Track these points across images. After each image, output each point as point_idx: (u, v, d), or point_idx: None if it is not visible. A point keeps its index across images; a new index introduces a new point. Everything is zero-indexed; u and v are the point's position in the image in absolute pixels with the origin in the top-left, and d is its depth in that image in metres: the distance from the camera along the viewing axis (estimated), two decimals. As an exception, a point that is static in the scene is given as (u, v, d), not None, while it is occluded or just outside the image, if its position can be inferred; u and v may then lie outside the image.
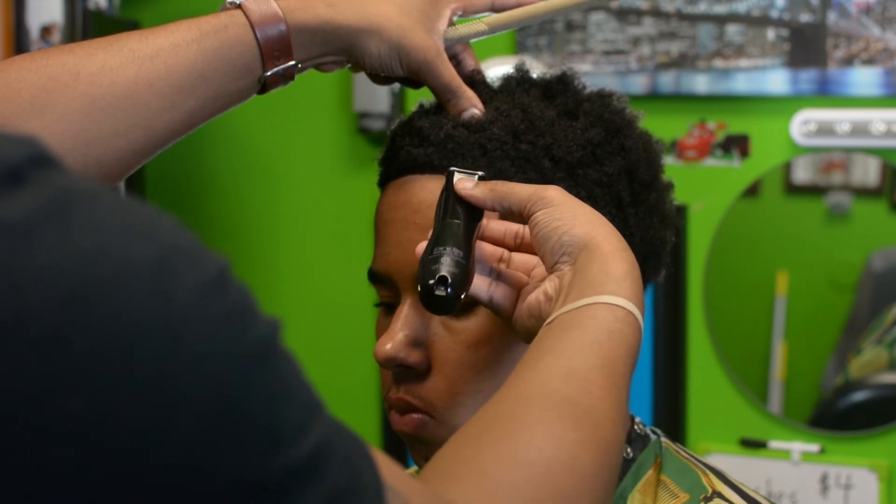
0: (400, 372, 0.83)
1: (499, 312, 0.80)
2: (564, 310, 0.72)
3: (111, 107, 0.77)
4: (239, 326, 0.46)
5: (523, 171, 0.83)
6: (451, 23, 0.90)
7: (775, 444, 1.95)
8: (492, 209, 0.80)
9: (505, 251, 0.82)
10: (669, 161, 1.96)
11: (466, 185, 0.80)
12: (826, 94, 1.90)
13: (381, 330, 0.86)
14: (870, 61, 1.87)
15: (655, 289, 1.94)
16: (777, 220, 1.98)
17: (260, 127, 2.24)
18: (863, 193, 1.94)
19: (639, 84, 1.98)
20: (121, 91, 0.77)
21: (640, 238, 0.86)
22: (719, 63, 1.95)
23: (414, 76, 0.88)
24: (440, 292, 0.74)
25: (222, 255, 0.48)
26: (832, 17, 1.88)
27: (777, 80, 1.92)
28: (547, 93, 0.89)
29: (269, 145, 2.26)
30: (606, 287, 0.72)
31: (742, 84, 1.94)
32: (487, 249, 0.81)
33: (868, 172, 1.94)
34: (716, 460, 1.62)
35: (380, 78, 0.91)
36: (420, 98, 0.94)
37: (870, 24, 1.87)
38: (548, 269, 0.76)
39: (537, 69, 0.93)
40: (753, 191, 1.96)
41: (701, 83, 1.96)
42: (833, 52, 1.89)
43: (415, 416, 0.83)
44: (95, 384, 0.42)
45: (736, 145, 1.96)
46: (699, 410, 2.00)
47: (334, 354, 2.20)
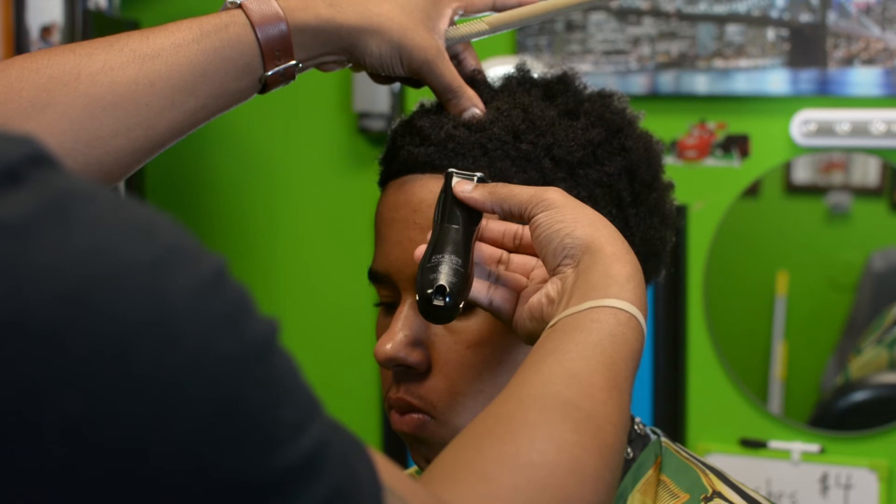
0: (400, 372, 0.83)
1: (499, 316, 0.80)
2: (567, 313, 0.72)
3: (112, 106, 0.77)
4: (236, 326, 0.46)
5: (524, 171, 0.83)
6: (452, 22, 0.90)
7: (775, 444, 1.95)
8: (491, 212, 0.79)
9: (504, 252, 0.81)
10: (669, 161, 1.96)
11: (465, 188, 0.79)
12: (826, 94, 1.90)
13: (382, 330, 0.86)
14: (870, 61, 1.87)
15: (655, 289, 1.94)
16: (777, 220, 1.98)
17: (260, 127, 2.24)
18: (863, 193, 1.94)
19: (639, 84, 1.98)
20: (122, 91, 0.77)
21: (641, 238, 0.86)
22: (719, 63, 1.95)
23: (415, 76, 0.87)
24: (438, 302, 0.74)
25: (220, 255, 0.48)
26: (832, 17, 1.88)
27: (777, 80, 1.92)
28: (548, 93, 0.89)
29: (269, 145, 2.26)
30: (609, 290, 0.72)
31: (742, 84, 1.94)
32: (486, 251, 0.81)
33: (868, 172, 1.94)
34: (716, 460, 1.62)
35: (381, 77, 0.91)
36: (421, 98, 0.94)
37: (870, 24, 1.87)
38: (549, 272, 0.76)
39: (538, 69, 0.93)
40: (753, 191, 1.96)
41: (701, 83, 1.96)
42: (833, 52, 1.89)
43: (415, 416, 0.83)
44: (92, 383, 0.42)
45: (736, 145, 1.96)
46: (699, 410, 2.00)
47: (334, 354, 2.20)
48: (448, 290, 0.74)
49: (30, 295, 0.42)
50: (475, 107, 0.87)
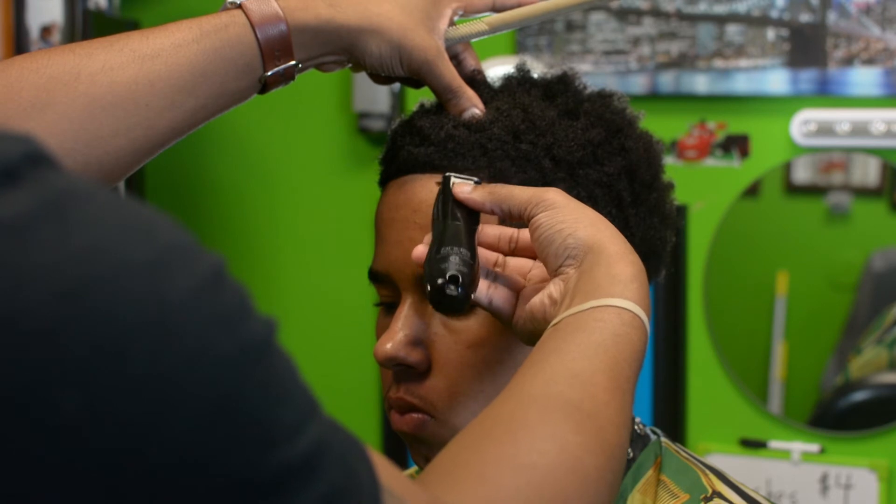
0: (400, 371, 0.83)
1: (499, 316, 0.80)
2: (570, 312, 0.72)
3: (112, 106, 0.77)
4: (234, 325, 0.46)
5: (524, 171, 0.83)
6: (452, 22, 0.90)
7: (775, 444, 1.95)
8: (491, 212, 0.79)
9: (500, 256, 0.81)
10: (669, 161, 1.96)
11: (465, 189, 0.80)
12: (826, 94, 1.90)
13: (382, 329, 0.86)
14: (870, 61, 1.87)
15: (655, 289, 1.94)
16: (777, 220, 1.98)
17: (260, 127, 2.24)
18: (863, 193, 1.94)
19: (639, 84, 1.98)
20: (121, 91, 0.77)
21: (641, 238, 0.86)
22: (719, 63, 1.95)
23: (415, 76, 0.87)
24: (451, 291, 0.74)
25: (219, 254, 0.48)
26: (832, 17, 1.88)
27: (777, 80, 1.92)
28: (548, 93, 0.89)
29: (269, 145, 2.26)
30: (613, 290, 0.71)
31: (742, 84, 1.94)
32: (482, 254, 0.81)
33: (868, 172, 1.94)
34: (716, 460, 1.62)
35: (380, 78, 0.91)
36: (421, 98, 0.94)
37: (870, 24, 1.87)
38: (551, 273, 0.76)
39: (538, 69, 0.93)
40: (753, 191, 1.96)
41: (701, 83, 1.96)
42: (833, 52, 1.89)
43: (415, 416, 0.83)
44: (89, 381, 0.42)
45: (736, 145, 1.96)
46: (699, 410, 2.00)
47: (334, 354, 2.20)
48: (461, 280, 0.74)
49: (28, 294, 0.42)
50: (475, 107, 0.87)
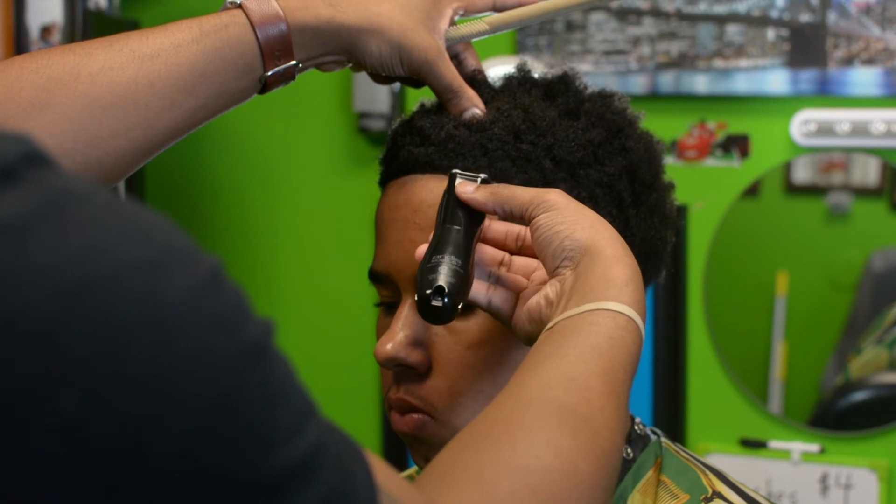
0: (400, 372, 0.83)
1: (498, 316, 0.80)
2: (565, 315, 0.72)
3: (112, 106, 0.77)
4: (231, 327, 0.46)
5: (524, 172, 0.83)
6: (453, 22, 0.90)
7: (775, 444, 1.95)
8: (493, 213, 0.79)
9: (506, 254, 0.81)
10: (669, 161, 1.96)
11: (467, 189, 0.79)
12: (826, 94, 1.90)
13: (382, 330, 0.86)
14: (870, 61, 1.87)
15: (655, 289, 1.94)
16: (777, 220, 1.98)
17: (260, 127, 2.24)
18: (863, 193, 1.94)
19: (639, 84, 1.98)
20: (121, 91, 0.77)
21: (641, 238, 0.86)
22: (719, 63, 1.95)
23: (415, 76, 0.87)
24: (437, 303, 0.74)
25: (215, 256, 0.48)
26: (832, 17, 1.88)
27: (777, 80, 1.92)
28: (548, 93, 0.89)
29: (269, 145, 2.26)
30: (608, 293, 0.71)
31: (742, 84, 1.94)
32: (488, 252, 0.81)
33: (868, 172, 1.93)
34: (716, 460, 1.62)
35: (381, 77, 0.91)
36: (421, 98, 0.94)
37: (870, 24, 1.87)
38: (549, 273, 0.76)
39: (538, 69, 0.93)
40: (753, 191, 1.96)
41: (701, 83, 1.96)
42: (833, 52, 1.88)
43: (415, 417, 0.83)
44: (87, 382, 0.42)
45: (736, 145, 1.96)
46: (699, 410, 2.00)
47: (334, 354, 2.20)
48: (447, 291, 0.74)
49: (27, 294, 0.42)
50: (475, 107, 0.87)
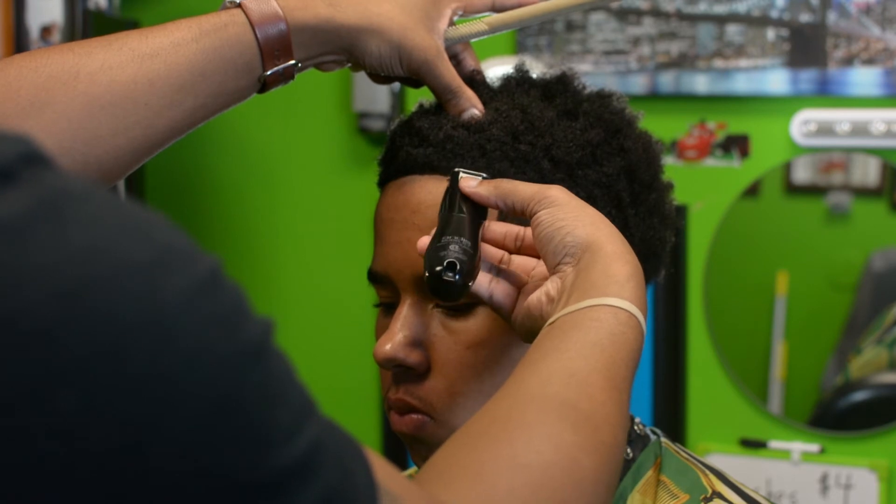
0: (399, 372, 0.83)
1: (498, 311, 0.80)
2: (566, 311, 0.72)
3: (111, 105, 0.77)
4: (230, 326, 0.46)
5: (523, 172, 0.83)
6: (452, 22, 0.90)
7: (775, 444, 1.95)
8: (495, 206, 0.80)
9: (505, 253, 0.81)
10: (669, 161, 1.96)
11: (471, 184, 0.80)
12: (826, 94, 1.90)
13: (381, 330, 0.86)
14: (870, 61, 1.87)
15: (655, 289, 1.93)
16: (777, 220, 1.98)
17: (260, 127, 2.24)
18: (863, 193, 1.94)
19: (639, 84, 1.98)
20: (120, 90, 0.77)
21: (640, 238, 0.86)
22: (719, 63, 1.95)
23: (414, 76, 0.87)
24: (448, 278, 0.74)
25: (215, 255, 0.48)
26: (832, 17, 1.88)
27: (777, 80, 1.92)
28: (546, 93, 0.89)
29: (269, 145, 2.26)
30: (609, 289, 0.71)
31: (742, 84, 1.94)
32: (488, 251, 0.81)
33: (868, 172, 1.93)
34: (716, 460, 1.62)
35: (380, 77, 0.91)
36: (420, 98, 0.93)
37: (870, 24, 1.87)
38: (550, 270, 0.76)
39: (537, 69, 0.93)
40: (753, 191, 1.96)
41: (701, 83, 1.96)
42: (833, 52, 1.88)
43: (414, 417, 0.83)
44: (87, 382, 0.42)
45: (736, 145, 1.96)
46: (699, 410, 2.00)
47: (334, 354, 2.20)
48: (458, 267, 0.74)
49: (27, 294, 0.42)
50: (474, 107, 0.87)
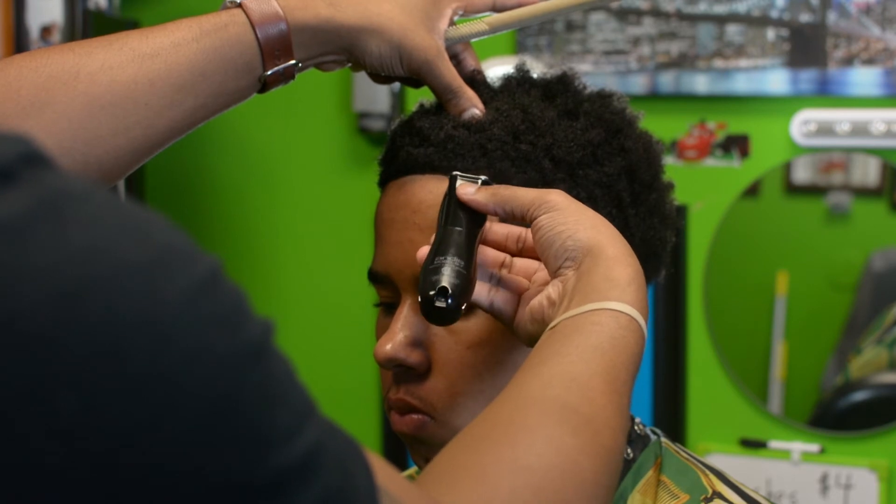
0: (400, 372, 0.83)
1: (500, 318, 0.80)
2: (567, 315, 0.72)
3: (111, 105, 0.77)
4: (230, 327, 0.46)
5: (523, 172, 0.83)
6: (452, 22, 0.90)
7: (775, 444, 1.95)
8: (494, 214, 0.79)
9: (507, 256, 0.81)
10: (669, 161, 1.96)
11: (468, 191, 0.79)
12: (826, 94, 1.90)
13: (381, 330, 0.86)
14: (870, 61, 1.87)
15: (655, 289, 1.93)
16: (777, 220, 1.98)
17: (260, 127, 2.24)
18: (863, 193, 1.94)
19: (639, 84, 1.98)
20: (121, 90, 0.77)
21: (641, 238, 0.86)
22: (719, 63, 1.95)
23: (414, 76, 0.87)
24: (440, 304, 0.74)
25: (215, 256, 0.47)
26: (832, 17, 1.88)
27: (777, 80, 1.92)
28: (547, 93, 0.89)
29: (269, 145, 2.26)
30: (610, 293, 0.71)
31: (742, 84, 1.94)
32: (489, 254, 0.81)
33: (868, 172, 1.93)
34: (716, 460, 1.62)
35: (380, 77, 0.91)
36: (420, 98, 0.93)
37: (870, 24, 1.87)
38: (551, 274, 0.76)
39: (537, 69, 0.93)
40: (753, 191, 1.96)
41: (701, 83, 1.96)
42: (833, 52, 1.88)
43: (414, 417, 0.83)
44: (86, 383, 0.42)
45: (736, 145, 1.96)
46: (699, 410, 2.00)
47: (334, 354, 2.20)
48: (450, 292, 0.74)
49: (25, 294, 0.42)
50: (475, 107, 0.87)
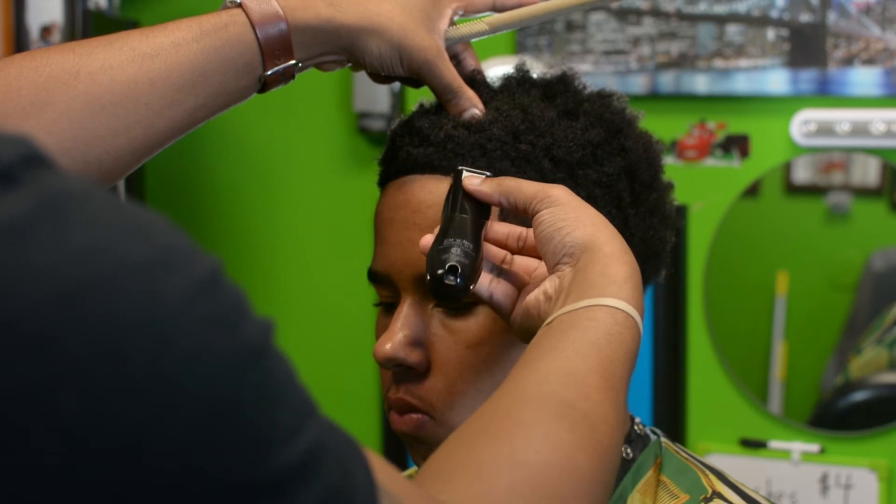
0: (400, 372, 0.83)
1: (498, 310, 0.80)
2: (564, 311, 0.72)
3: (111, 105, 0.77)
4: (230, 327, 0.46)
5: (523, 172, 0.83)
6: (452, 22, 0.90)
7: (775, 444, 1.95)
8: (498, 204, 0.80)
9: (507, 254, 0.82)
10: (669, 161, 1.96)
11: (474, 182, 0.80)
12: (826, 94, 1.90)
13: (381, 330, 0.86)
14: (870, 61, 1.87)
15: (655, 289, 1.93)
16: (777, 220, 1.98)
17: (260, 127, 2.24)
18: (863, 193, 1.94)
19: (639, 84, 1.98)
20: (121, 89, 0.77)
21: (641, 238, 0.86)
22: (719, 63, 1.95)
23: (415, 76, 0.87)
24: (450, 281, 0.75)
25: (215, 256, 0.47)
26: (832, 17, 1.88)
27: (777, 80, 1.92)
28: (547, 93, 0.89)
29: (269, 145, 2.26)
30: (607, 290, 0.72)
31: (742, 84, 1.94)
32: (490, 251, 0.81)
33: (868, 172, 1.93)
34: (716, 460, 1.62)
35: (380, 77, 0.91)
36: (420, 98, 0.94)
37: (870, 24, 1.87)
38: (549, 269, 0.76)
39: (537, 69, 0.93)
40: (753, 191, 1.96)
41: (701, 83, 1.96)
42: (833, 52, 1.88)
43: (414, 416, 0.83)
44: (87, 383, 0.42)
45: (736, 145, 1.96)
46: (699, 410, 2.00)
47: (334, 354, 2.20)
48: (460, 271, 0.74)
49: (26, 295, 0.42)
50: (475, 107, 0.87)
